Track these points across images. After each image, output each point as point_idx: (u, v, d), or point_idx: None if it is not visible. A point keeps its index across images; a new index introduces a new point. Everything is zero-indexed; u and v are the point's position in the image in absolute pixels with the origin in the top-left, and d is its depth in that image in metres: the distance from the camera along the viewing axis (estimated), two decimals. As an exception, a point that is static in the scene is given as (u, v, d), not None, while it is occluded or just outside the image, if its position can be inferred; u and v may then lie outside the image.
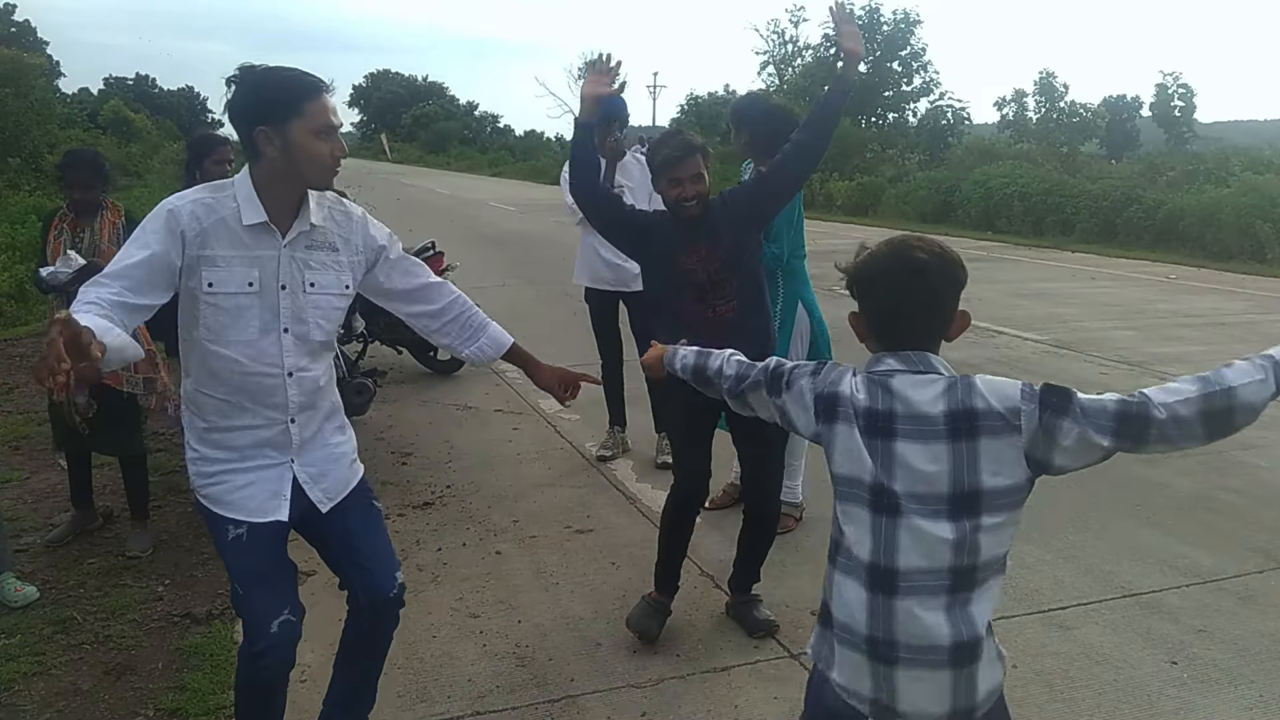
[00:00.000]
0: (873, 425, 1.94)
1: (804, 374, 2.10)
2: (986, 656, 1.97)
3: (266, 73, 2.51)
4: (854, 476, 1.97)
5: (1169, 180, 21.14)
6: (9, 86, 21.82)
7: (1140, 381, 7.66)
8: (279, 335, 2.55)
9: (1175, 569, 4.44)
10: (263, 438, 2.61)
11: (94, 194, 4.51)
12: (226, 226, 2.48)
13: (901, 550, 1.90)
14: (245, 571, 2.63)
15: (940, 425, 1.89)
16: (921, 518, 1.89)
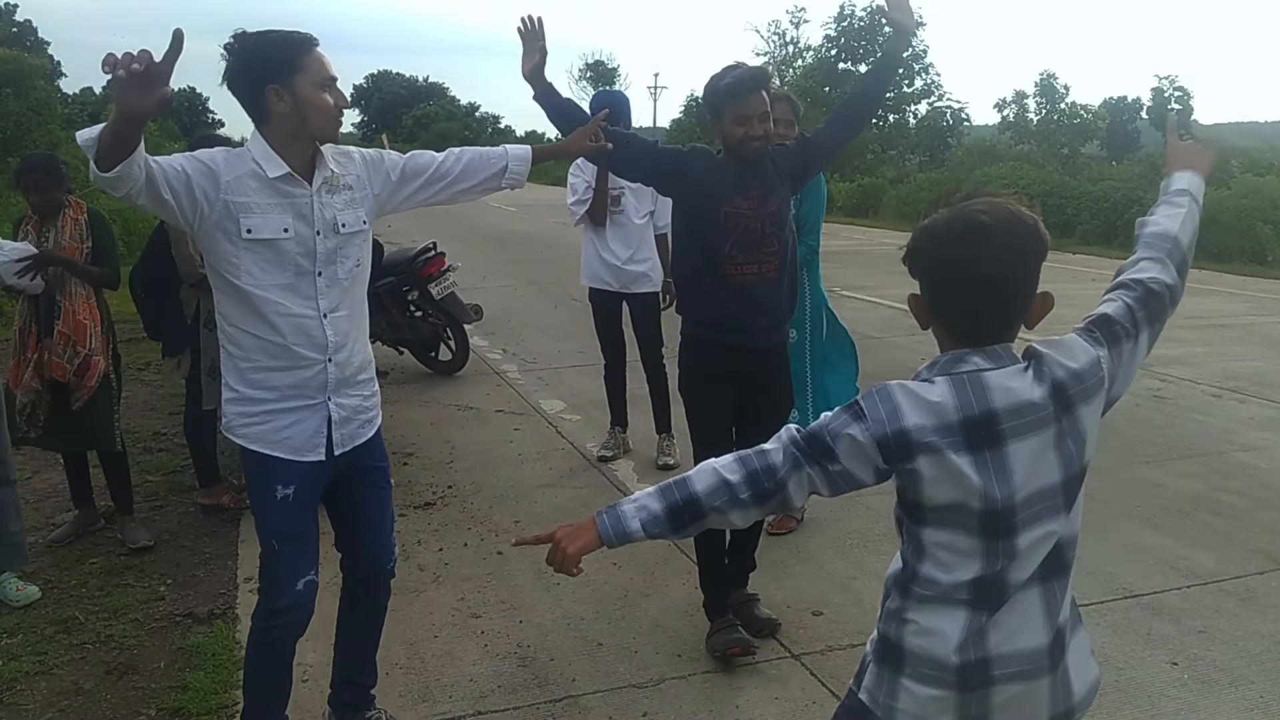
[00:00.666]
0: (974, 437, 1.66)
1: (846, 424, 1.71)
2: (1077, 646, 1.79)
3: (261, 35, 2.61)
4: (955, 503, 1.68)
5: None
6: (10, 87, 21.84)
7: (1142, 383, 7.67)
8: (314, 278, 2.69)
9: (1176, 570, 4.44)
10: (303, 378, 2.72)
11: (50, 196, 4.51)
12: (256, 177, 2.60)
13: (1015, 568, 1.69)
14: (284, 528, 2.76)
15: (1048, 409, 1.69)
16: (1038, 524, 1.69)
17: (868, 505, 5.13)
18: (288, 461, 2.73)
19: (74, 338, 4.46)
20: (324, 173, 2.70)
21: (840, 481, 1.73)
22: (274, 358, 2.68)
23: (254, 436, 2.72)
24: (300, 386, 2.72)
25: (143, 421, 6.67)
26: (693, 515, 1.78)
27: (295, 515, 2.77)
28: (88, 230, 4.56)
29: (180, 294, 4.93)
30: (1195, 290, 13.62)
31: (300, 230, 2.65)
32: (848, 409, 1.73)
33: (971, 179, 24.14)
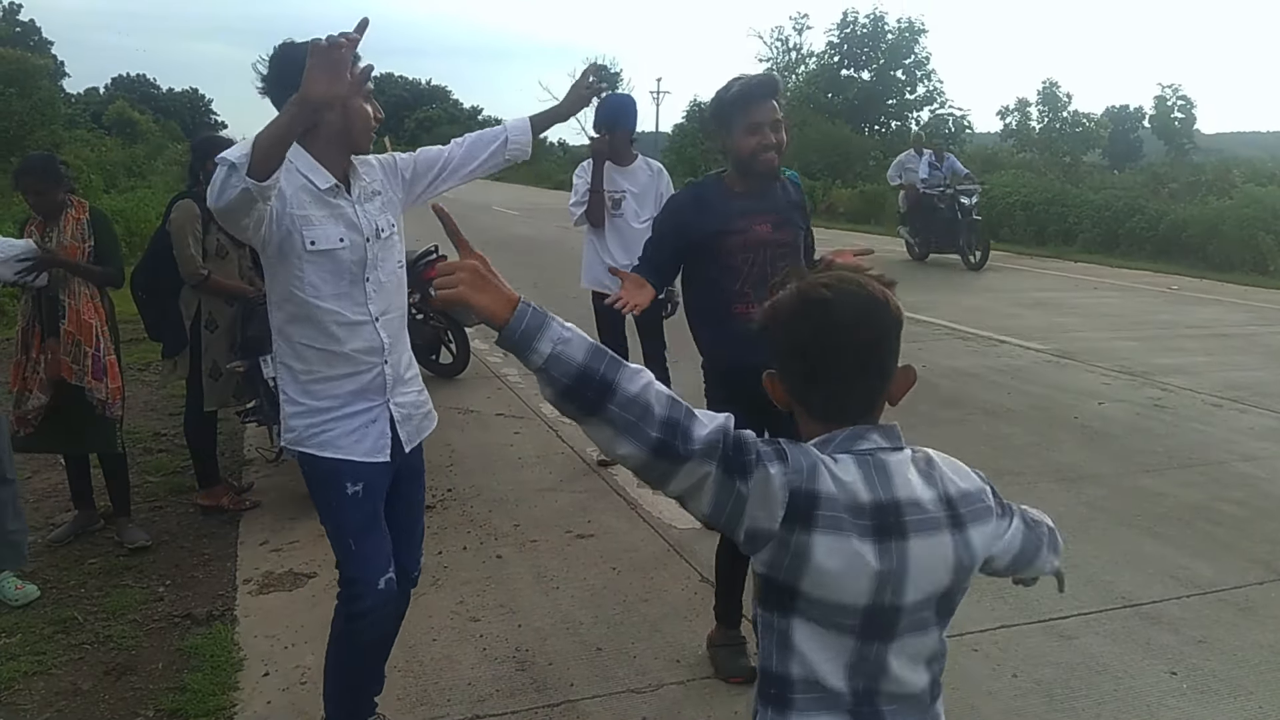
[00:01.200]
0: (883, 524, 1.51)
1: (771, 456, 1.50)
2: None
3: (295, 45, 2.63)
4: (841, 602, 1.51)
5: (1172, 191, 21.15)
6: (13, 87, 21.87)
7: (1142, 392, 7.68)
8: (364, 284, 2.73)
9: (1176, 580, 4.43)
10: (364, 382, 2.77)
11: (49, 197, 4.53)
12: (310, 191, 2.65)
13: (885, 679, 1.57)
14: (359, 526, 2.78)
15: (941, 514, 1.56)
16: (915, 633, 1.57)
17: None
18: (358, 462, 2.76)
19: (80, 337, 4.48)
20: (359, 182, 2.77)
21: (728, 505, 1.49)
22: (334, 366, 2.74)
23: (325, 443, 2.74)
24: (362, 391, 2.77)
25: (143, 422, 6.67)
26: (595, 399, 1.47)
27: (368, 510, 2.79)
28: (89, 229, 4.57)
29: (181, 295, 4.93)
30: (1197, 299, 13.74)
31: (353, 239, 2.71)
32: (771, 445, 1.52)
33: (973, 186, 24.16)
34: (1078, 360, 9.01)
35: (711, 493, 1.49)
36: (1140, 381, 8.13)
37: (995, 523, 1.65)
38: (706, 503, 1.50)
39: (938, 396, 7.56)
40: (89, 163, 20.49)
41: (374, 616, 2.82)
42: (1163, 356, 9.24)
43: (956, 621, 4.01)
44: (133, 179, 23.15)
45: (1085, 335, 10.26)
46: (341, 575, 2.86)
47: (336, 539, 2.83)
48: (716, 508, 1.50)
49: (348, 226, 2.70)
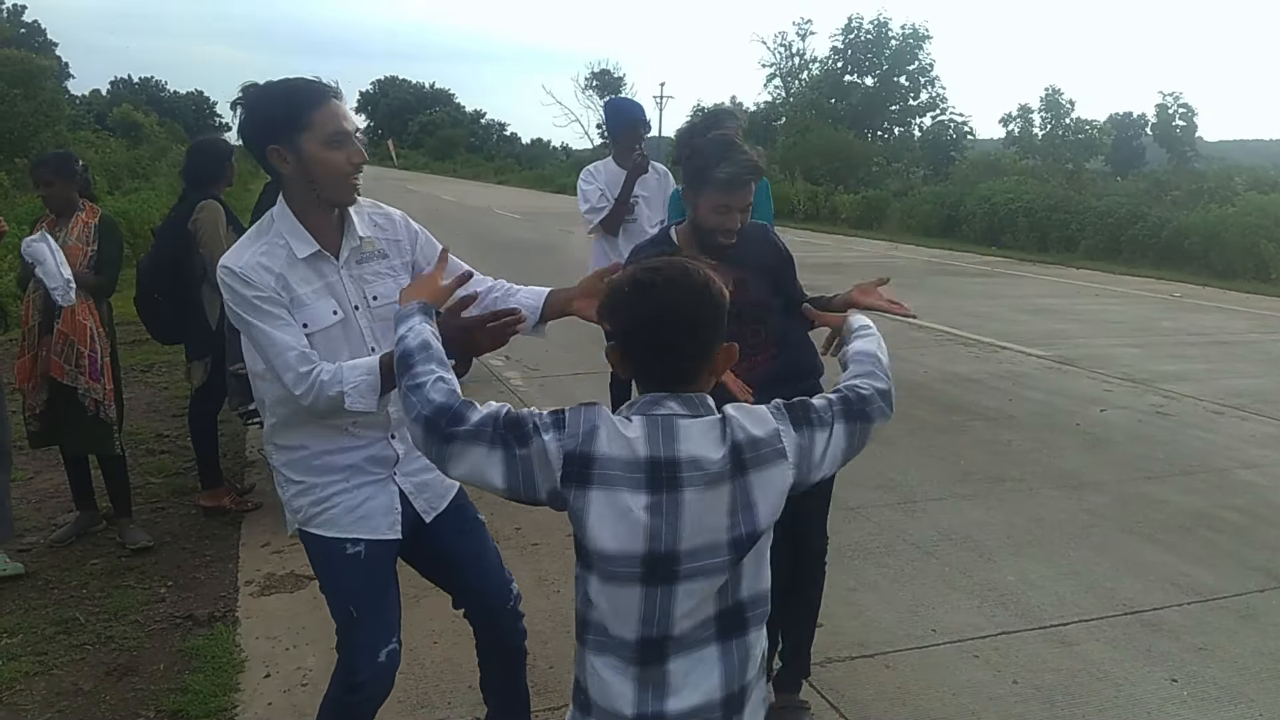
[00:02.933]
0: (656, 477, 1.68)
1: (547, 427, 1.74)
2: (753, 701, 1.82)
3: (266, 88, 2.40)
4: (620, 551, 1.70)
5: (1174, 199, 21.16)
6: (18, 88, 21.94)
7: (1144, 399, 7.68)
8: (367, 354, 2.43)
9: (1177, 586, 4.43)
10: (367, 455, 2.51)
11: (60, 190, 4.56)
12: (294, 265, 2.39)
13: (676, 619, 1.72)
14: (360, 592, 2.53)
15: (725, 467, 1.71)
16: (701, 578, 1.71)
17: (868, 517, 5.13)
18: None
19: (74, 337, 4.49)
20: (351, 242, 2.49)
21: (518, 474, 1.73)
22: (333, 441, 2.48)
23: (329, 522, 2.50)
24: (364, 464, 2.51)
25: (145, 423, 6.68)
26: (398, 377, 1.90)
27: (370, 572, 2.53)
28: (95, 235, 4.59)
29: (201, 294, 4.92)
30: (1199, 307, 13.75)
31: (345, 309, 2.45)
32: (554, 414, 1.76)
33: (975, 192, 24.21)
34: (1079, 367, 9.01)
35: (499, 467, 1.74)
36: (1142, 389, 8.13)
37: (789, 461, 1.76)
38: (499, 477, 1.74)
39: (938, 402, 7.57)
40: (93, 164, 20.50)
41: (371, 690, 2.56)
42: (1164, 364, 9.24)
43: (956, 627, 4.03)
44: (136, 180, 23.19)
45: (1087, 342, 10.26)
46: (340, 643, 2.62)
47: (337, 606, 2.57)
48: (509, 479, 1.74)
49: (337, 297, 2.44)
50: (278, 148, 2.35)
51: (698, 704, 1.74)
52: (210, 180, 5.01)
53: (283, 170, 2.38)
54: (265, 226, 2.44)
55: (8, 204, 13.38)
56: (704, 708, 1.74)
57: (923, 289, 14.13)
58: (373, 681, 2.55)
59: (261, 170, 2.52)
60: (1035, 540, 4.93)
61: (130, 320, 6.73)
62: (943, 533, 4.99)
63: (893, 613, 4.15)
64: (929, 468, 6.01)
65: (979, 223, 23.47)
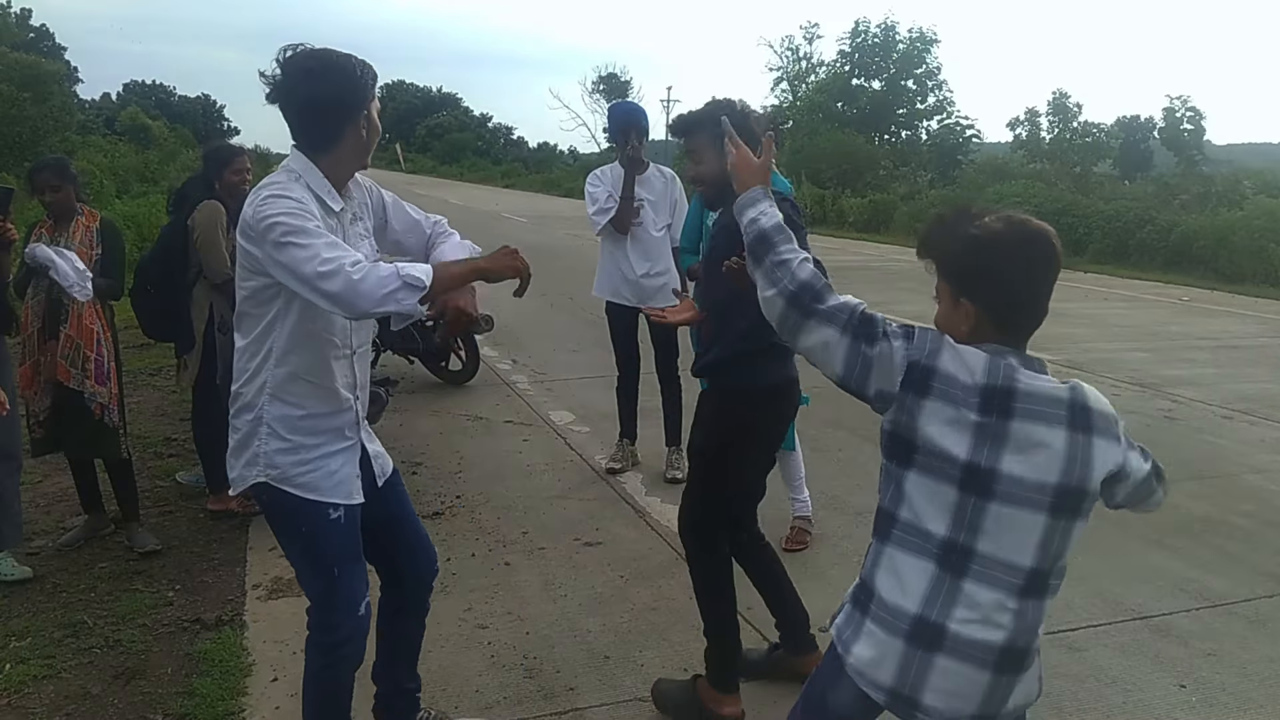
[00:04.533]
0: (988, 403, 1.83)
1: (897, 334, 1.92)
2: (1030, 672, 1.93)
3: (341, 59, 2.51)
4: (945, 451, 1.84)
5: (1182, 202, 21.12)
6: (27, 92, 22.02)
7: (1153, 403, 7.65)
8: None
9: (1185, 592, 4.42)
10: (345, 420, 2.69)
11: (63, 195, 4.58)
12: (328, 216, 2.54)
13: (984, 534, 1.85)
14: (343, 553, 2.69)
15: (1063, 410, 1.85)
16: (1018, 505, 1.83)
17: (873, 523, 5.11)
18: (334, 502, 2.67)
19: (80, 340, 4.50)
20: (350, 203, 2.66)
21: (857, 366, 1.92)
22: (324, 403, 2.63)
23: (308, 485, 2.61)
24: (341, 429, 2.68)
25: (153, 427, 6.69)
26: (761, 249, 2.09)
27: (349, 535, 2.69)
28: (98, 238, 4.61)
29: (193, 296, 4.94)
30: (1207, 311, 13.68)
31: None
32: (904, 327, 1.94)
33: (983, 197, 24.17)
34: (1087, 371, 8.99)
35: (841, 355, 1.93)
36: (1150, 393, 8.11)
37: (1122, 448, 1.91)
38: (838, 362, 1.93)
39: (947, 406, 7.54)
40: (102, 168, 20.62)
41: (352, 646, 2.71)
42: (1173, 368, 9.21)
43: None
44: (145, 184, 23.25)
45: (1095, 346, 10.24)
46: (318, 606, 2.73)
47: (319, 569, 2.70)
48: (847, 368, 1.93)
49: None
50: (368, 114, 2.55)
51: (978, 639, 1.86)
52: (211, 182, 5.02)
53: (357, 135, 2.55)
54: (293, 174, 2.53)
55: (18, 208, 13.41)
56: (983, 646, 1.86)
57: (930, 293, 14.09)
58: (354, 638, 2.70)
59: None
60: (1043, 545, 4.91)
61: (134, 324, 6.75)
62: (950, 537, 4.98)
63: (900, 618, 4.13)
64: (936, 472, 5.98)
65: (986, 227, 23.40)
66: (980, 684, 1.86)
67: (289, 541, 2.77)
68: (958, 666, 1.85)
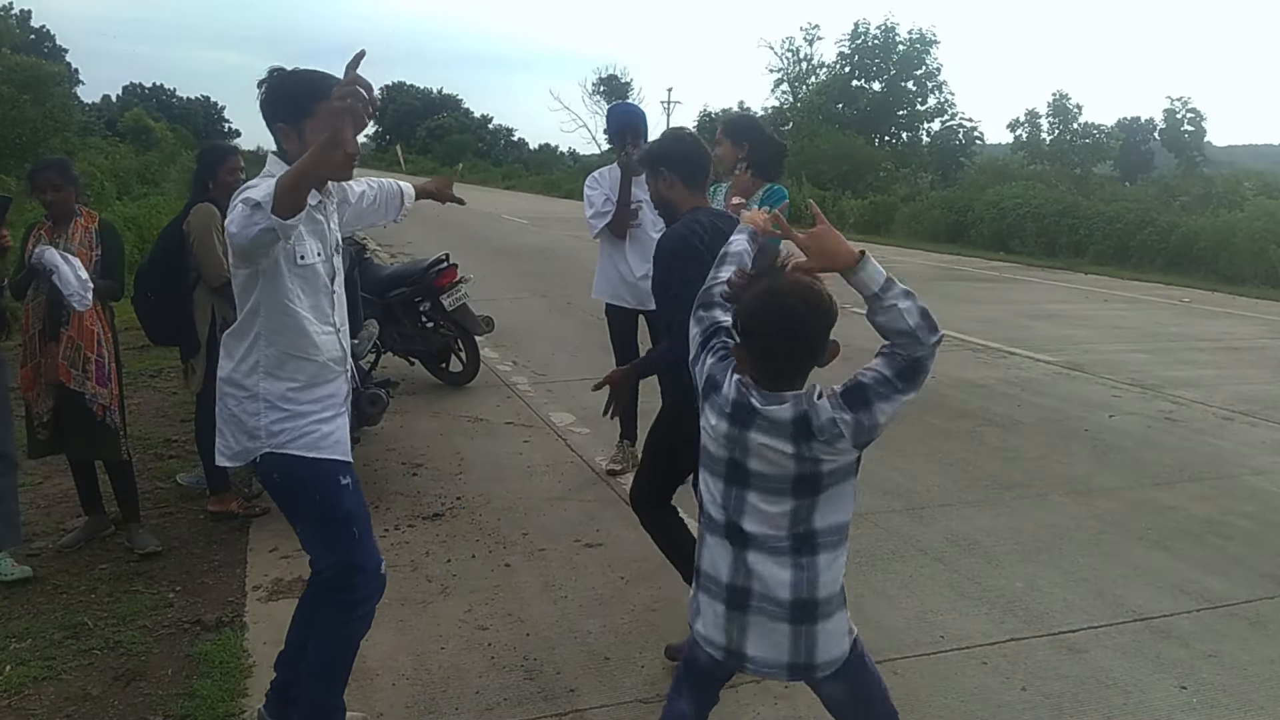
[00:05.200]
0: (736, 416, 2.25)
1: (715, 352, 2.37)
2: (829, 623, 2.28)
3: (287, 75, 2.80)
4: (715, 453, 2.32)
5: (1183, 204, 21.11)
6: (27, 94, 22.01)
7: (1153, 405, 7.65)
8: (331, 294, 2.89)
9: (1186, 593, 4.42)
10: (336, 388, 2.92)
11: (64, 195, 4.57)
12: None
13: (748, 521, 2.26)
14: (358, 515, 2.92)
15: (789, 428, 2.19)
16: (768, 494, 2.24)
17: (876, 523, 5.12)
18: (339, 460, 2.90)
19: (81, 342, 4.50)
20: (331, 197, 2.92)
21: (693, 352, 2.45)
22: (312, 376, 2.85)
23: (312, 444, 2.84)
24: (332, 396, 2.91)
25: (154, 428, 6.69)
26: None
27: (360, 498, 2.95)
28: (97, 239, 4.60)
29: (194, 299, 4.94)
30: (1208, 313, 13.70)
31: (326, 252, 2.86)
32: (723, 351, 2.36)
33: (983, 198, 24.17)
34: (1088, 372, 8.99)
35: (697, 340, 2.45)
36: (1151, 394, 8.11)
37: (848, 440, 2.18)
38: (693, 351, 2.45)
39: (947, 408, 7.55)
40: (103, 170, 20.59)
41: (372, 603, 2.96)
42: (1174, 369, 9.21)
43: (965, 634, 4.03)
44: (146, 186, 23.25)
45: (1096, 347, 10.24)
46: (341, 566, 2.92)
47: (338, 530, 2.90)
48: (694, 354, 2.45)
49: (321, 240, 2.84)
50: (283, 126, 2.77)
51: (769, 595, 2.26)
52: (205, 182, 5.03)
53: (284, 145, 2.79)
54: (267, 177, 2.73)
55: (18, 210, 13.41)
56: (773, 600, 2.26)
57: (930, 294, 14.07)
58: (373, 595, 2.96)
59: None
60: (1044, 546, 4.91)
61: (135, 326, 6.75)
62: (951, 539, 4.98)
63: (901, 619, 4.14)
64: (937, 474, 6.00)
65: (987, 228, 23.43)
66: (784, 635, 2.26)
67: (301, 510, 2.96)
68: (762, 622, 2.26)
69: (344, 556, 2.91)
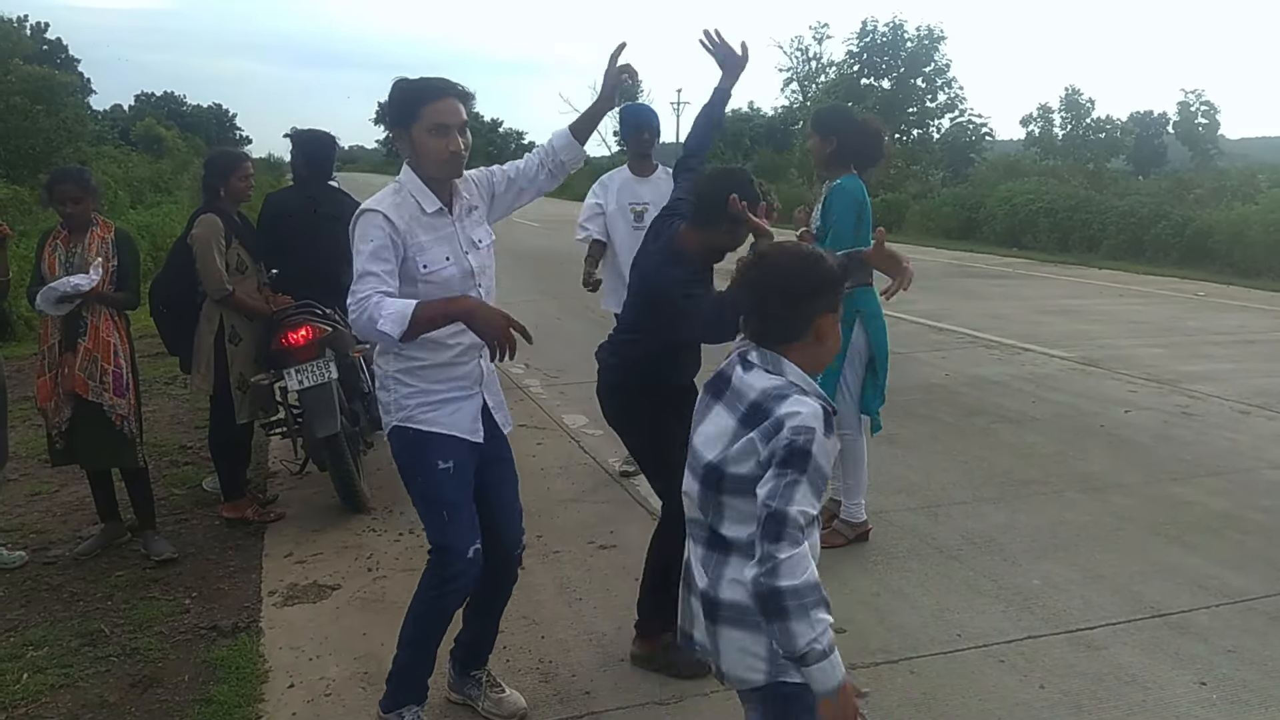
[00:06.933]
0: (714, 384, 2.29)
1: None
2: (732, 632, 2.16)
3: (400, 85, 3.01)
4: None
5: (1197, 197, 21.00)
6: (41, 104, 22.10)
7: (1170, 400, 7.61)
8: (474, 290, 3.06)
9: (1205, 589, 4.39)
10: (464, 370, 3.10)
11: (83, 207, 4.59)
12: (419, 218, 2.98)
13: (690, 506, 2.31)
14: (451, 500, 3.09)
15: (744, 408, 2.16)
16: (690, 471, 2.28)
17: (891, 521, 5.10)
18: (451, 438, 3.07)
19: (98, 353, 4.52)
20: (460, 200, 3.11)
21: None
22: (441, 355, 3.05)
23: (432, 420, 3.05)
24: (461, 379, 3.10)
25: (169, 435, 6.72)
26: None
27: (460, 484, 3.09)
28: (114, 249, 4.61)
29: (203, 309, 4.96)
30: (1224, 306, 13.62)
31: (456, 254, 3.04)
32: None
33: (996, 194, 24.09)
34: (1103, 368, 8.95)
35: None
36: (1167, 389, 8.06)
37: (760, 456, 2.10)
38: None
39: (961, 405, 7.52)
40: (116, 179, 20.69)
41: (462, 581, 3.10)
42: (1189, 364, 9.16)
43: (982, 632, 4.00)
44: (159, 194, 23.35)
45: (1110, 343, 10.19)
46: (433, 544, 3.14)
47: (431, 512, 3.12)
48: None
49: (450, 245, 3.03)
50: (398, 131, 3.00)
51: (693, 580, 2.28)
52: (216, 189, 5.04)
53: (401, 150, 3.04)
54: (398, 186, 3.03)
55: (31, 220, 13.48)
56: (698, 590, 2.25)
57: (943, 291, 14.06)
58: (463, 574, 3.09)
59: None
60: (1060, 543, 4.88)
61: (151, 333, 6.78)
62: (966, 536, 4.96)
63: (917, 618, 4.12)
64: (952, 471, 5.98)
65: (999, 224, 23.36)
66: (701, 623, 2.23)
67: (410, 484, 3.17)
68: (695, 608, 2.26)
69: (437, 535, 3.12)
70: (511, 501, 3.33)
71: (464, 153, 3.01)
